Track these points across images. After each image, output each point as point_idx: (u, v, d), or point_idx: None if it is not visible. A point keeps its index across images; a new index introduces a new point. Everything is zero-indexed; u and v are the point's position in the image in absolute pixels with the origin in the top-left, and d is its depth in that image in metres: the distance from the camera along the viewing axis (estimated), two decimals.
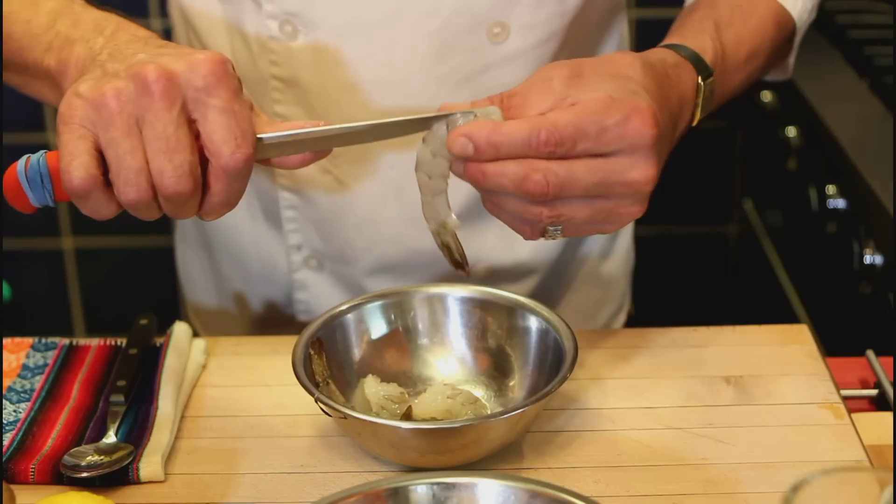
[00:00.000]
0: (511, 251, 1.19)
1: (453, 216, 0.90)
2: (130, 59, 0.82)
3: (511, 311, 0.98)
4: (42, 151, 0.84)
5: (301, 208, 1.16)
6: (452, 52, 1.07)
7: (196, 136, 0.81)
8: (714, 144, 2.27)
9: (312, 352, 0.94)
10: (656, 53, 0.95)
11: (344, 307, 0.98)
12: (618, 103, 0.83)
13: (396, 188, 1.13)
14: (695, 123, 0.97)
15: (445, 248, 0.92)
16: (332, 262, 1.18)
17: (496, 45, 1.08)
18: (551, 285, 1.23)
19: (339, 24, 1.06)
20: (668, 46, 0.97)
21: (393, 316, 0.99)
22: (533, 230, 0.86)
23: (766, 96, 1.89)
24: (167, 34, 1.20)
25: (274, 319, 1.25)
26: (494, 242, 1.18)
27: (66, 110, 0.81)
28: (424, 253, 1.15)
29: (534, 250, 1.20)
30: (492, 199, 0.86)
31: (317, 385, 0.92)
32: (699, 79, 0.96)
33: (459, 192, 1.14)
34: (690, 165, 2.29)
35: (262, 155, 0.84)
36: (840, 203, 1.54)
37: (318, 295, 1.21)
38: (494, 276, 1.19)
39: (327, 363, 0.95)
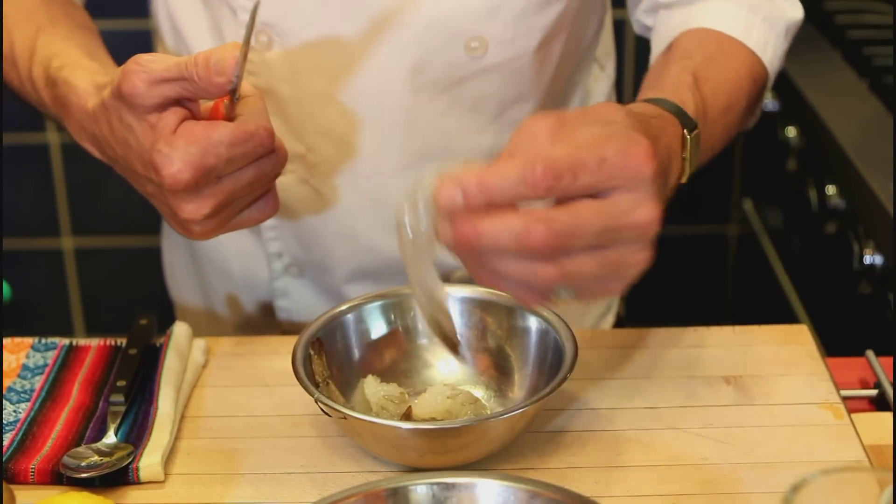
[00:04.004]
0: None
1: (443, 288, 0.81)
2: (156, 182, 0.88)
3: (511, 312, 0.97)
4: None
5: (280, 217, 1.16)
6: (429, 64, 1.07)
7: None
8: None
9: (312, 352, 0.94)
10: (637, 106, 0.88)
11: (343, 307, 0.98)
12: (615, 137, 0.75)
13: (374, 199, 1.12)
14: (684, 180, 0.89)
15: (434, 322, 0.83)
16: (313, 269, 1.18)
17: (474, 59, 1.07)
18: None
19: (315, 35, 1.06)
20: (648, 101, 0.90)
21: (393, 316, 0.99)
22: (539, 294, 0.76)
23: (766, 96, 1.89)
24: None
25: (257, 325, 1.25)
26: None
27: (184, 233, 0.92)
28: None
29: None
30: (487, 265, 0.76)
31: (317, 385, 0.92)
32: (684, 131, 0.88)
33: None
34: None
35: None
36: (840, 203, 1.54)
37: (300, 302, 1.21)
38: (474, 280, 1.18)
39: (327, 363, 0.95)
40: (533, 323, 0.96)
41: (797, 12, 1.09)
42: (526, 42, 1.08)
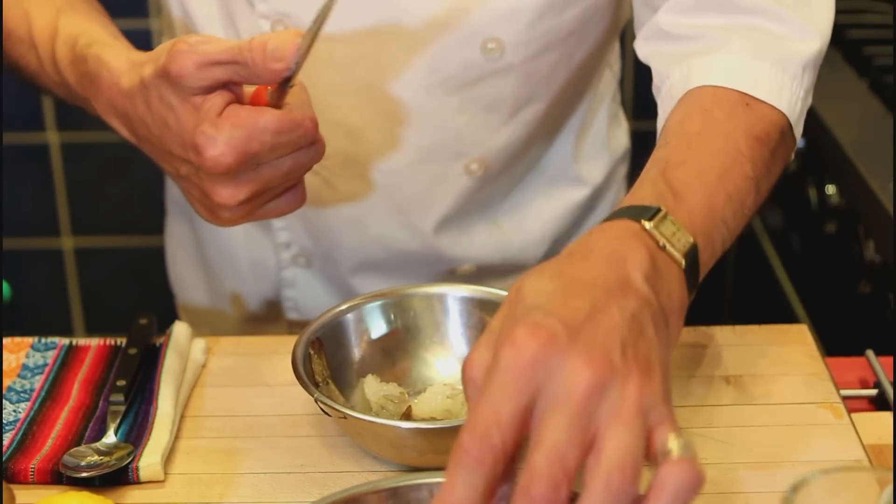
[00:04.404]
0: (499, 249, 1.19)
1: None
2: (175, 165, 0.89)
3: None
4: None
5: None
6: (445, 63, 1.06)
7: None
8: None
9: (312, 351, 0.94)
10: (594, 242, 0.75)
11: (343, 307, 0.98)
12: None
13: (384, 191, 1.13)
14: (681, 258, 0.77)
15: None
16: (320, 260, 1.19)
17: (490, 60, 1.07)
18: None
19: (331, 27, 1.06)
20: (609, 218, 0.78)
21: (393, 316, 0.99)
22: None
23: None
24: (160, 34, 1.21)
25: (263, 317, 1.25)
26: (482, 241, 1.18)
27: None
28: (411, 254, 1.16)
29: (522, 247, 1.20)
30: None
31: (317, 385, 0.92)
32: (643, 223, 0.76)
33: (445, 197, 1.14)
34: None
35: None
36: (840, 203, 1.54)
37: (307, 293, 1.21)
38: (483, 274, 1.19)
39: (327, 363, 0.95)
40: None
41: (813, 44, 0.96)
42: (543, 44, 1.08)
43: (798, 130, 0.97)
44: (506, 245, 1.19)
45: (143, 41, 0.91)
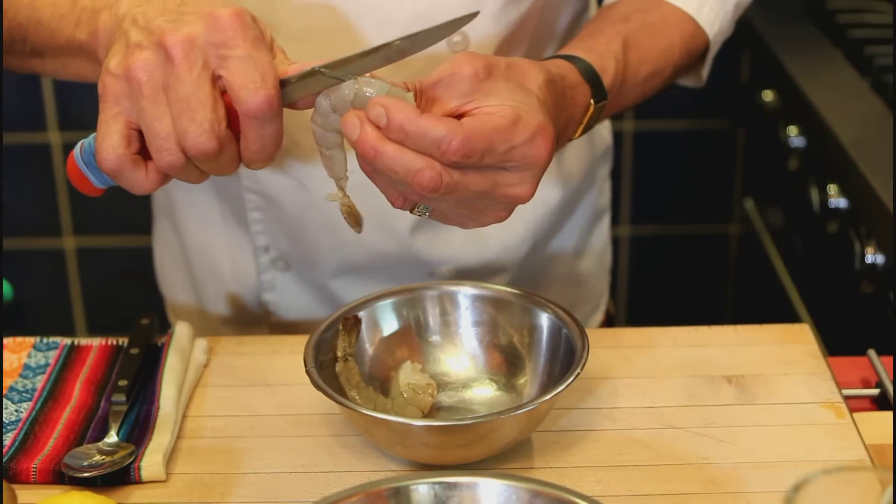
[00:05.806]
0: (478, 251, 1.18)
1: (346, 174, 0.89)
2: (151, 26, 0.84)
3: (522, 309, 0.97)
4: (93, 135, 0.86)
5: (266, 210, 1.16)
6: (412, 59, 1.06)
7: (223, 92, 0.83)
8: (715, 144, 2.27)
9: (341, 327, 0.94)
10: (560, 67, 0.94)
11: (398, 289, 0.99)
12: (525, 121, 0.82)
13: (358, 192, 1.12)
14: (574, 139, 0.97)
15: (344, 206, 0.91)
16: (299, 263, 1.18)
17: (456, 55, 1.07)
18: (522, 285, 1.23)
19: (298, 28, 1.05)
20: (573, 59, 0.96)
21: (405, 311, 0.99)
22: (404, 204, 0.85)
23: (768, 96, 1.89)
24: None
25: (247, 320, 1.25)
26: (459, 242, 1.17)
27: (100, 89, 0.84)
28: (389, 256, 1.15)
29: (501, 249, 1.19)
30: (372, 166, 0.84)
31: (335, 360, 0.92)
32: (592, 102, 0.96)
33: None
34: (692, 165, 2.30)
35: (290, 97, 0.86)
36: (841, 202, 1.54)
37: (287, 296, 1.20)
38: (461, 276, 1.18)
39: (355, 341, 0.95)
40: (544, 320, 0.96)
41: None
42: (509, 37, 1.08)
43: (710, 55, 1.12)
44: (483, 247, 1.18)
45: None
